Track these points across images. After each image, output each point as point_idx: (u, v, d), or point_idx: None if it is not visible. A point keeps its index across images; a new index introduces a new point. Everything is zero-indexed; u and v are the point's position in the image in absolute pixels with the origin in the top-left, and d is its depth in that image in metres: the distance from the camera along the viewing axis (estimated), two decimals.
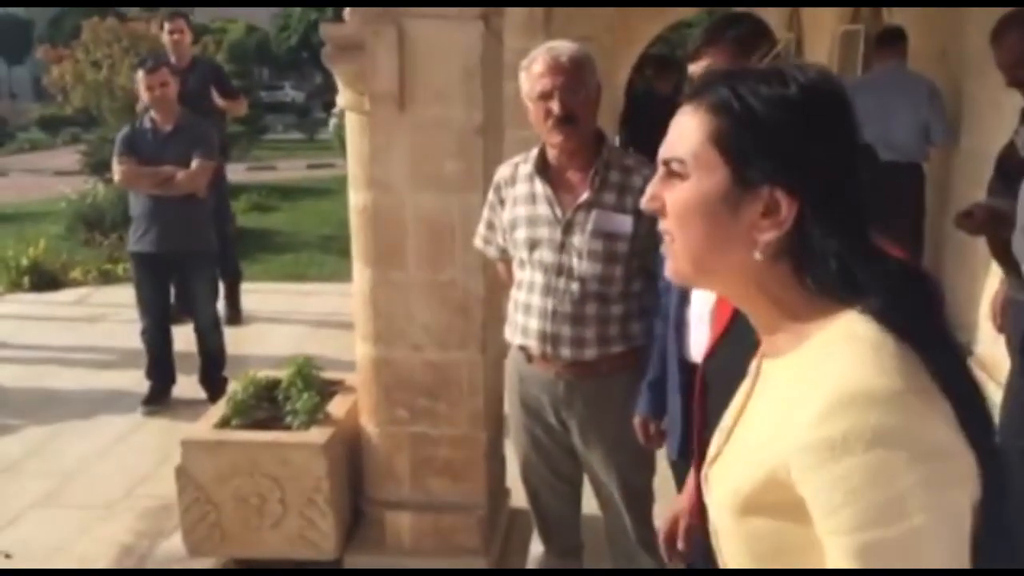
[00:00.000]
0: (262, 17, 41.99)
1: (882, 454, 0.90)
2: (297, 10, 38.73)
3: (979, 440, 0.97)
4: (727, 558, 1.15)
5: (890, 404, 0.92)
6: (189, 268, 5.20)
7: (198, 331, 5.34)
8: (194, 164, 5.03)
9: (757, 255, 1.03)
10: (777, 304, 1.07)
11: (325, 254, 10.09)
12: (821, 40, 10.04)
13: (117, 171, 5.10)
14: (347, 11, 3.13)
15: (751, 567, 1.08)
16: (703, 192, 1.04)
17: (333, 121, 23.34)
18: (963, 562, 0.93)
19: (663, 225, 1.11)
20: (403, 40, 3.08)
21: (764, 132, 1.01)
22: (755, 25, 2.46)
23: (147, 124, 5.14)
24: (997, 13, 3.49)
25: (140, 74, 5.21)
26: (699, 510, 1.58)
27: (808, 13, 10.44)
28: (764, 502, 1.01)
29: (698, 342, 2.49)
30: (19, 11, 45.69)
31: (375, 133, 3.20)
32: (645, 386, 2.66)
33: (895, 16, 7.11)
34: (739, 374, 1.32)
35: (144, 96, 5.15)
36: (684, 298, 2.49)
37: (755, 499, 1.02)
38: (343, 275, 8.59)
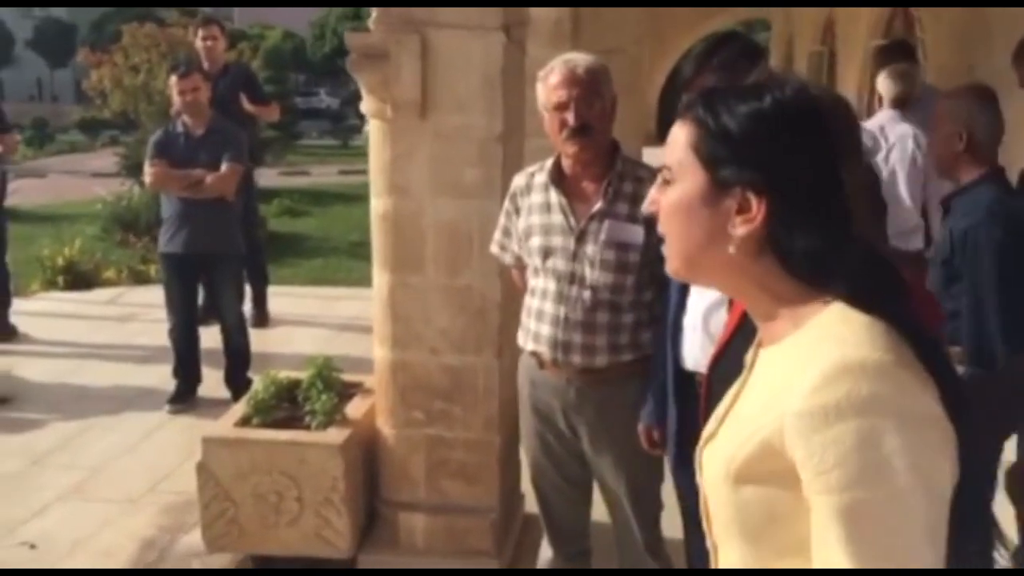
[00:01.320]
0: (299, 24, 42.45)
1: (872, 420, 0.99)
2: (333, 17, 39.08)
3: (957, 413, 1.05)
4: (718, 530, 1.23)
5: (881, 375, 1.01)
6: (217, 269, 5.30)
7: (224, 332, 5.43)
8: (223, 167, 5.13)
9: (731, 249, 1.13)
10: (770, 294, 1.16)
11: (354, 259, 10.20)
12: (854, 54, 10.01)
13: (148, 173, 5.21)
14: (372, 20, 3.20)
15: (742, 537, 1.15)
16: (686, 193, 1.16)
17: (367, 128, 23.55)
18: (943, 526, 1.01)
19: (660, 228, 1.22)
20: (426, 50, 3.15)
21: (734, 140, 1.12)
22: (742, 47, 2.54)
23: (179, 128, 5.25)
24: None
25: (173, 79, 5.33)
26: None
27: (841, 27, 10.42)
28: (757, 471, 1.09)
29: (692, 350, 2.54)
30: (63, 15, 46.53)
31: (397, 140, 3.27)
32: (649, 393, 2.71)
33: (927, 31, 7.10)
34: None
35: (176, 100, 5.26)
36: (681, 306, 2.54)
37: (748, 468, 1.10)
38: (371, 280, 8.74)
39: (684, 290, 2.56)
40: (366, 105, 3.33)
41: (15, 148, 7.43)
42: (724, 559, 1.23)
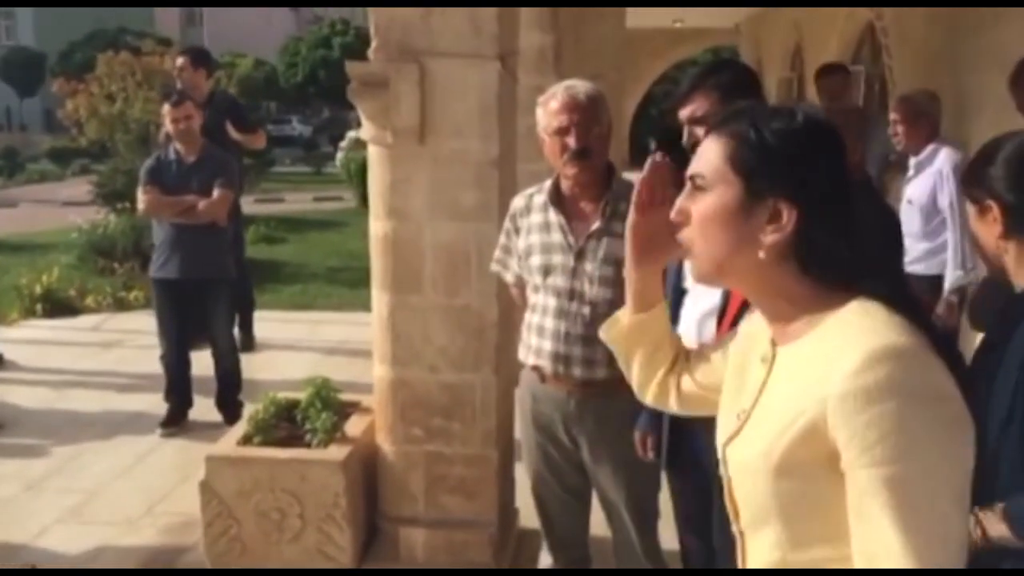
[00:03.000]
0: (268, 52, 42.54)
1: (909, 399, 1.11)
2: (305, 46, 39.23)
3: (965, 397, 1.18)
4: (748, 519, 1.33)
5: (914, 358, 1.13)
6: (209, 294, 5.37)
7: (215, 355, 5.50)
8: (215, 193, 5.22)
9: (761, 254, 1.25)
10: (790, 297, 1.28)
11: (332, 285, 10.27)
12: None
13: (141, 200, 5.29)
14: (371, 50, 3.32)
15: (780, 521, 1.25)
16: (722, 202, 1.28)
17: (341, 155, 23.58)
18: (968, 494, 1.14)
19: (685, 234, 1.33)
20: (424, 77, 3.27)
21: (770, 154, 1.25)
22: (739, 72, 2.69)
23: (172, 155, 5.33)
24: (990, 54, 3.66)
25: (166, 107, 5.41)
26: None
27: (810, 54, 10.68)
28: (799, 458, 1.20)
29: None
30: (31, 44, 46.29)
31: (396, 165, 3.38)
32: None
33: (894, 57, 7.32)
34: None
35: (169, 128, 5.34)
36: (674, 316, 2.66)
37: (790, 456, 1.21)
38: (352, 305, 8.84)
39: (677, 302, 2.68)
40: (366, 131, 3.44)
41: None
42: (754, 545, 1.32)
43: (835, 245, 1.23)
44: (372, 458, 3.67)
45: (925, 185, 4.78)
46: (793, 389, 1.24)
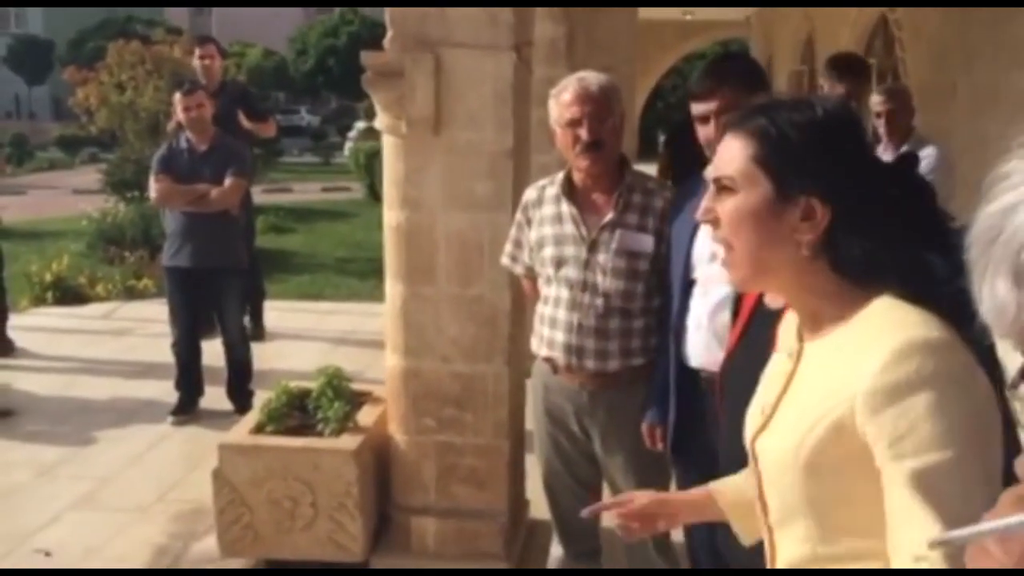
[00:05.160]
0: (278, 42, 42.56)
1: (939, 391, 1.10)
2: (314, 36, 39.19)
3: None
4: (778, 515, 1.32)
5: (945, 351, 1.13)
6: (221, 283, 5.38)
7: (226, 344, 5.51)
8: (227, 181, 5.23)
9: (804, 252, 1.23)
10: (820, 294, 1.27)
11: (340, 275, 10.30)
12: None
13: (153, 189, 5.30)
14: (387, 40, 3.32)
15: (811, 516, 1.25)
16: (752, 203, 1.25)
17: (349, 145, 23.62)
18: (998, 481, 1.10)
19: (719, 235, 1.31)
20: (439, 68, 3.27)
21: (797, 152, 1.23)
22: (754, 64, 2.68)
23: (183, 144, 5.34)
24: (1006, 48, 3.64)
25: (177, 96, 5.42)
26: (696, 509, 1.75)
27: (821, 46, 10.63)
28: (830, 455, 1.19)
29: (696, 348, 2.65)
30: (40, 32, 46.35)
31: (411, 155, 3.38)
32: (654, 394, 2.82)
33: (907, 50, 7.30)
34: (755, 377, 1.48)
35: (181, 117, 5.34)
36: (683, 307, 2.65)
37: (821, 453, 1.20)
38: (360, 295, 8.85)
39: (686, 293, 2.68)
40: (380, 121, 3.44)
41: (3, 167, 7.50)
42: (783, 539, 1.31)
43: (865, 241, 1.22)
44: (384, 447, 3.68)
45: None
46: (821, 385, 1.23)
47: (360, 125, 28.80)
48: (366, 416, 3.78)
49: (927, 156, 4.55)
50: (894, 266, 1.22)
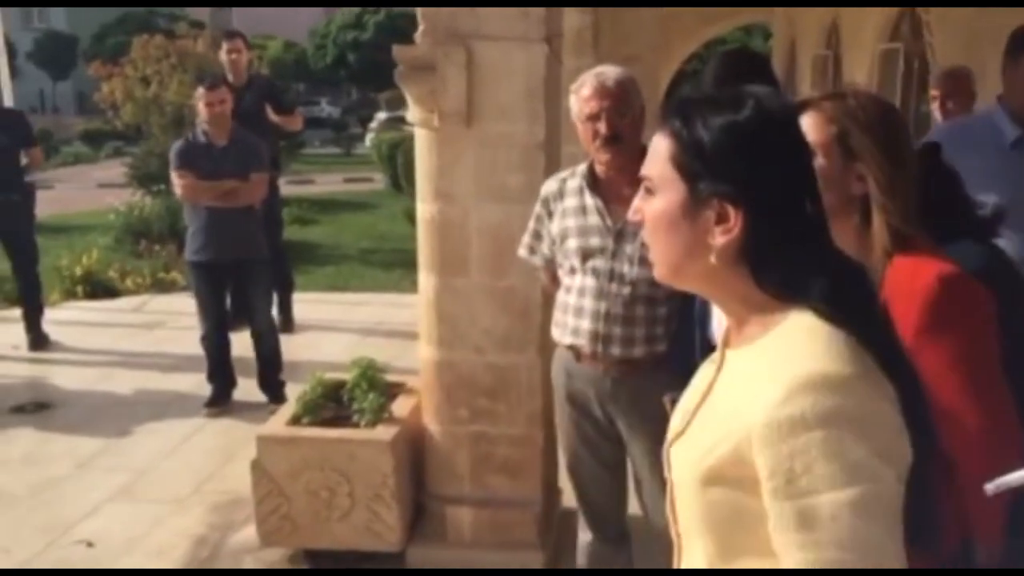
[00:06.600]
0: (298, 33, 42.66)
1: (835, 430, 1.05)
2: (334, 27, 39.27)
3: (917, 413, 1.13)
4: (684, 525, 1.29)
5: (843, 387, 1.07)
6: (246, 275, 5.44)
7: (255, 335, 5.55)
8: (253, 177, 5.29)
9: (712, 259, 1.19)
10: (743, 300, 1.22)
11: (365, 266, 10.34)
12: (860, 59, 10.13)
13: (178, 184, 5.33)
14: (418, 34, 3.34)
15: (708, 534, 1.21)
16: (667, 205, 1.21)
17: (371, 136, 23.67)
18: (899, 522, 1.08)
19: (643, 236, 1.28)
20: (471, 61, 3.29)
21: (707, 153, 1.17)
22: (754, 62, 2.69)
23: (201, 138, 5.38)
24: None
25: (200, 91, 5.44)
26: None
27: (847, 31, 10.56)
28: (726, 474, 1.16)
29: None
30: (63, 28, 46.68)
31: (443, 148, 3.41)
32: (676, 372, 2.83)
33: (935, 34, 7.24)
34: None
35: (203, 112, 5.38)
36: (703, 308, 2.66)
37: (718, 470, 1.16)
38: (386, 286, 8.89)
39: None
40: (412, 114, 3.47)
41: (40, 161, 7.58)
42: (688, 552, 1.29)
43: (783, 250, 1.16)
44: (419, 438, 3.72)
45: None
46: (729, 403, 1.19)
47: (381, 116, 28.88)
48: (400, 407, 3.82)
49: None
50: (812, 280, 1.16)
